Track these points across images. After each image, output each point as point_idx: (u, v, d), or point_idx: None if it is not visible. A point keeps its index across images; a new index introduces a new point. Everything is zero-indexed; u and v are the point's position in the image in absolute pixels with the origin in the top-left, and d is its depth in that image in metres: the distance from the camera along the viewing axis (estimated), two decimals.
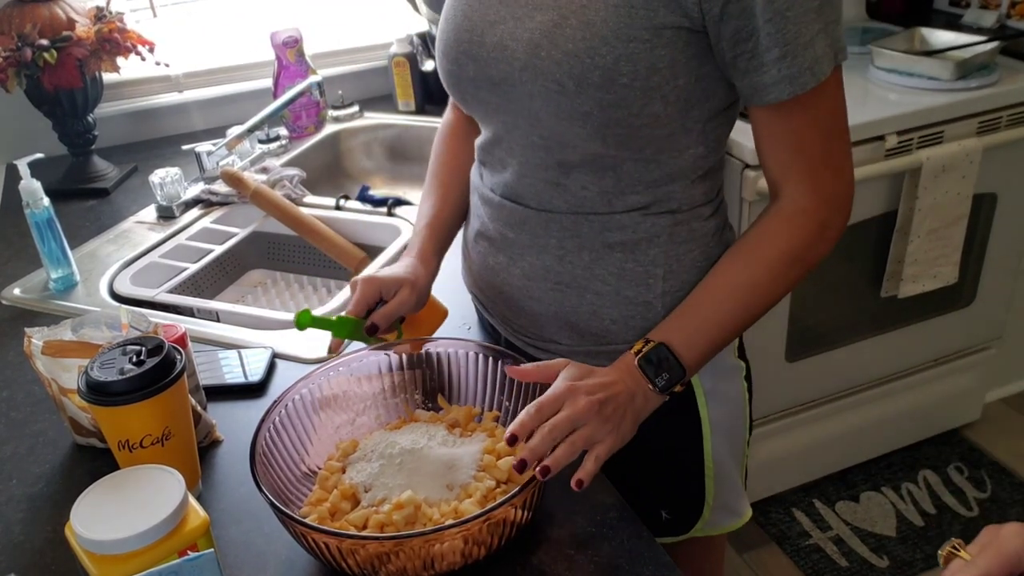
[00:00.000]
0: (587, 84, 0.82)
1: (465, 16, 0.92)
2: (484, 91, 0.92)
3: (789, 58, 0.80)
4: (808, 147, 0.86)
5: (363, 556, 0.74)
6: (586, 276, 0.96)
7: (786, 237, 0.88)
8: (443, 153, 1.12)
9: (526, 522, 0.81)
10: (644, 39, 0.80)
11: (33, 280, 1.37)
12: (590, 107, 0.83)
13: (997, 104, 1.82)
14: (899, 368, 2.11)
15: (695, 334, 0.89)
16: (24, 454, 1.00)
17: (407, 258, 1.03)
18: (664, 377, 0.86)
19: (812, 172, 0.87)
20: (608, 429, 0.82)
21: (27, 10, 1.56)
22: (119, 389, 0.82)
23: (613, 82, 0.82)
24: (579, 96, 0.83)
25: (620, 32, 0.80)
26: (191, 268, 1.43)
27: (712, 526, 1.08)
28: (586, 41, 0.81)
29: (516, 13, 0.87)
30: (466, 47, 0.91)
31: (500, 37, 0.88)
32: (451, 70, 0.94)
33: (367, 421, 0.96)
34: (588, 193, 0.92)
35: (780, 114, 0.84)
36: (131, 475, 0.75)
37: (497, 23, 0.88)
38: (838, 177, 0.88)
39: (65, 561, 0.84)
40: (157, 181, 1.55)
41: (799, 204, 0.88)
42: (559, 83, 0.83)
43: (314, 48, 1.90)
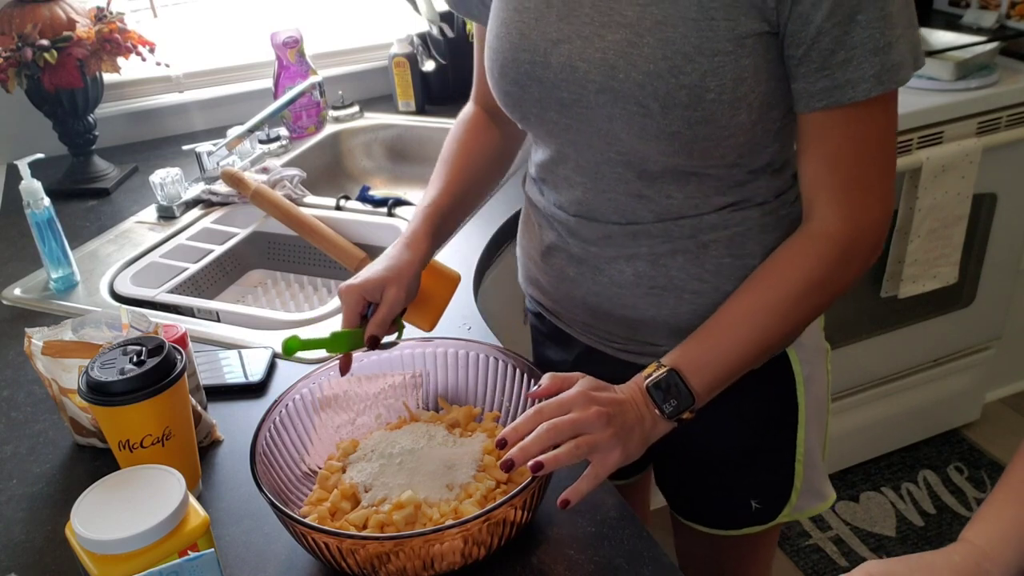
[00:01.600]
0: (673, 104, 0.79)
1: (522, 35, 0.87)
2: (552, 112, 0.88)
3: (855, 62, 0.76)
4: (843, 164, 0.82)
5: (363, 556, 0.74)
6: (682, 277, 0.92)
7: (808, 262, 0.85)
8: (457, 143, 1.08)
9: (526, 522, 0.81)
10: (728, 51, 0.78)
11: (33, 280, 1.37)
12: (678, 126, 0.80)
13: (997, 104, 1.82)
14: (899, 368, 2.11)
15: (708, 360, 0.85)
16: (25, 454, 1.00)
17: (395, 246, 0.99)
18: (672, 404, 0.83)
19: (845, 192, 0.83)
20: (614, 443, 0.79)
21: (27, 10, 1.56)
22: (119, 389, 0.82)
23: (701, 99, 0.79)
24: (665, 117, 0.80)
25: (703, 47, 0.77)
26: (191, 268, 1.43)
27: (799, 511, 1.08)
28: (667, 60, 0.78)
29: (582, 32, 0.83)
30: (528, 68, 0.87)
31: (568, 57, 0.84)
32: (511, 91, 0.90)
33: (367, 421, 0.96)
34: (673, 201, 0.89)
35: (827, 122, 0.81)
36: (131, 475, 0.75)
37: (561, 42, 0.84)
38: (871, 201, 0.84)
39: (65, 561, 0.84)
40: (157, 181, 1.55)
41: (826, 227, 0.84)
42: (642, 105, 0.80)
43: (314, 48, 1.90)
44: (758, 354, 0.87)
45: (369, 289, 0.92)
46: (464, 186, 1.05)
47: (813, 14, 0.75)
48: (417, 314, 1.03)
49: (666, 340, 0.97)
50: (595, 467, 0.79)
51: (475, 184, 1.08)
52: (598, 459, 0.79)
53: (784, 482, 1.05)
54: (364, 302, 0.93)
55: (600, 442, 0.78)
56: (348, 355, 0.94)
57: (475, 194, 1.09)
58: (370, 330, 0.92)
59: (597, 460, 0.79)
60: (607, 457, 0.79)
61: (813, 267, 0.85)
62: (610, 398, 0.81)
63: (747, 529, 1.09)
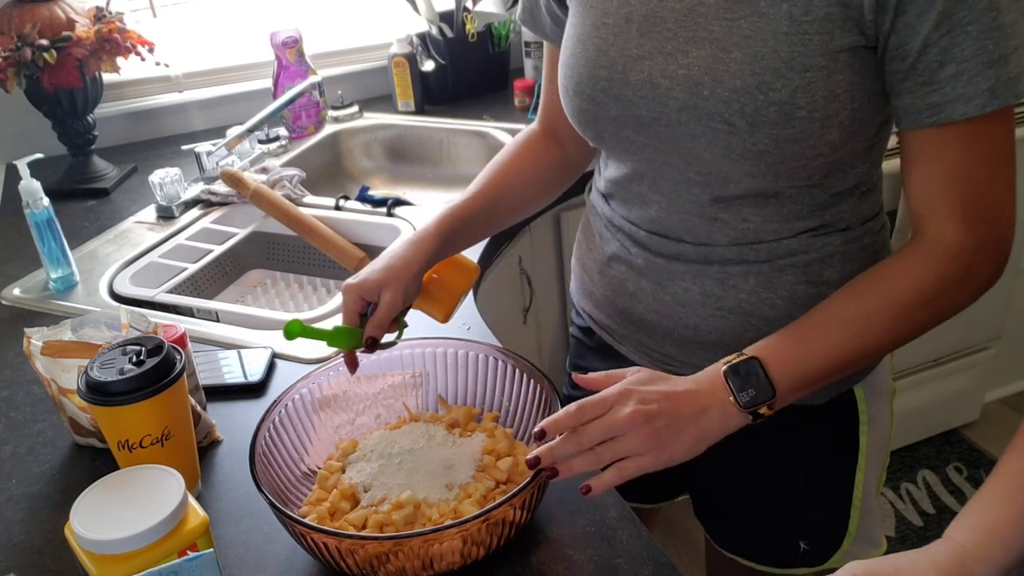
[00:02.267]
0: (761, 122, 0.76)
1: (599, 51, 0.85)
2: (629, 131, 0.85)
3: (966, 76, 0.72)
4: (959, 180, 0.77)
5: (362, 556, 0.74)
6: (752, 301, 0.88)
7: (921, 273, 0.79)
8: (506, 155, 1.05)
9: (525, 522, 0.81)
10: (821, 66, 0.74)
11: (33, 280, 1.37)
12: (765, 145, 0.77)
13: None
14: (898, 368, 2.09)
15: (794, 357, 0.79)
16: (24, 454, 1.00)
17: (400, 242, 0.96)
18: (750, 393, 0.77)
19: (963, 208, 0.77)
20: (651, 444, 0.74)
21: (27, 10, 1.56)
22: (119, 389, 0.82)
23: (791, 116, 0.76)
24: (752, 135, 0.77)
25: (794, 62, 0.74)
26: (191, 268, 1.43)
27: (851, 556, 1.02)
28: (756, 76, 0.75)
29: (665, 48, 0.80)
30: (605, 85, 0.84)
31: (648, 74, 0.81)
32: (587, 108, 0.87)
33: (367, 421, 0.96)
34: (750, 225, 0.86)
35: (938, 138, 0.76)
36: (131, 475, 0.75)
37: (642, 59, 0.82)
38: (994, 215, 0.78)
39: (65, 561, 0.84)
40: (157, 181, 1.55)
41: (944, 239, 0.78)
42: (728, 123, 0.77)
43: (314, 48, 1.90)
44: (850, 362, 0.81)
45: (367, 289, 0.91)
46: (498, 197, 1.02)
47: (919, 25, 0.72)
48: (432, 305, 1.00)
49: None
50: (621, 469, 0.75)
51: (512, 198, 1.04)
52: (628, 461, 0.75)
53: (838, 525, 1.01)
54: (363, 302, 0.92)
55: (631, 447, 0.74)
56: (353, 353, 0.93)
57: (510, 208, 1.05)
58: (368, 332, 0.91)
59: (627, 462, 0.75)
60: (638, 459, 0.75)
61: (927, 278, 0.79)
62: (659, 393, 0.76)
63: (793, 571, 1.04)
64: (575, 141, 0.99)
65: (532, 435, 0.77)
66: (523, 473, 0.85)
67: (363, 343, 0.91)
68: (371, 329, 0.91)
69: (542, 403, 0.90)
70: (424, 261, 0.94)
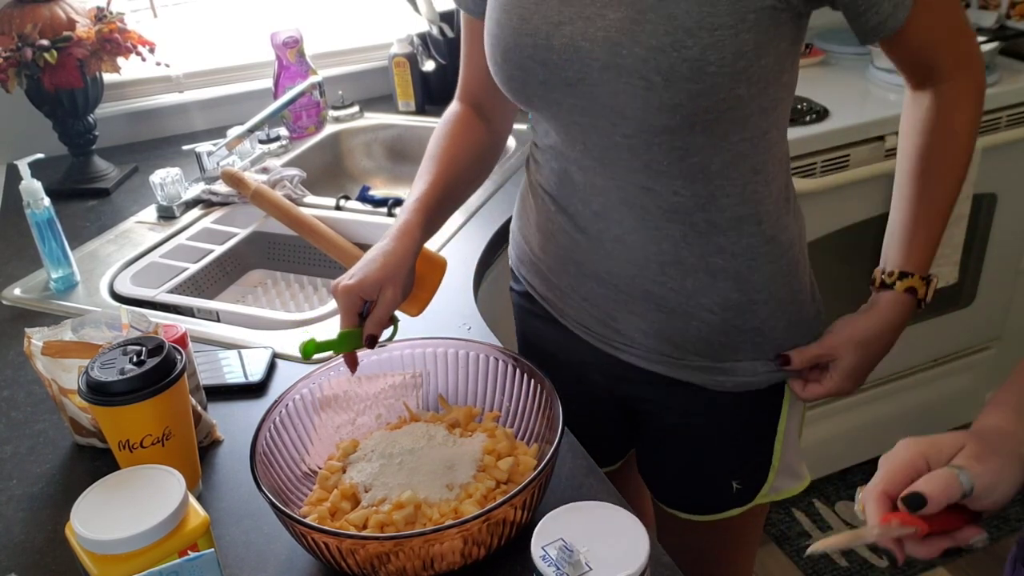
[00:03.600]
0: (676, 77, 0.81)
1: (523, 19, 0.89)
2: (557, 92, 0.89)
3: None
4: (943, 42, 0.90)
5: (363, 556, 0.74)
6: (690, 304, 0.96)
7: (967, 111, 0.94)
8: (444, 138, 1.08)
9: (526, 522, 0.81)
10: (729, 25, 0.80)
11: (33, 280, 1.37)
12: (680, 99, 0.82)
13: (997, 104, 1.82)
14: (899, 368, 2.11)
15: (928, 248, 0.96)
16: (24, 454, 1.00)
17: (387, 238, 0.96)
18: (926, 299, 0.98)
19: (955, 55, 0.91)
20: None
21: (27, 10, 1.56)
22: (119, 389, 0.82)
23: (702, 72, 0.81)
24: (667, 90, 0.82)
25: (704, 22, 0.79)
26: (191, 268, 1.44)
27: (775, 491, 1.09)
28: (670, 35, 0.80)
29: (584, 13, 0.85)
30: (531, 51, 0.89)
31: (570, 38, 0.85)
32: (515, 75, 0.92)
33: (367, 421, 0.96)
34: (680, 199, 0.91)
35: (901, 36, 0.88)
36: (131, 475, 0.75)
37: (563, 24, 0.86)
38: (972, 44, 0.93)
39: (65, 561, 0.84)
40: (157, 181, 1.55)
41: (963, 72, 0.92)
42: (646, 79, 0.82)
43: (314, 48, 1.90)
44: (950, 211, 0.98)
45: (367, 288, 0.91)
46: (451, 181, 1.04)
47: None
48: (409, 301, 1.01)
49: (673, 352, 1.01)
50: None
51: (462, 179, 1.07)
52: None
53: (763, 462, 1.07)
54: (362, 301, 0.92)
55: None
56: (353, 354, 0.94)
57: (462, 189, 1.08)
58: (368, 329, 0.91)
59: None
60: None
61: (973, 116, 0.94)
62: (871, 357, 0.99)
63: (728, 512, 1.10)
64: (498, 111, 1.08)
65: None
66: (523, 473, 0.85)
67: (363, 342, 0.91)
68: (372, 327, 0.91)
69: (542, 403, 0.90)
70: (414, 253, 0.96)
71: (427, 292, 1.04)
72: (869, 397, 2.10)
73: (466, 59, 1.08)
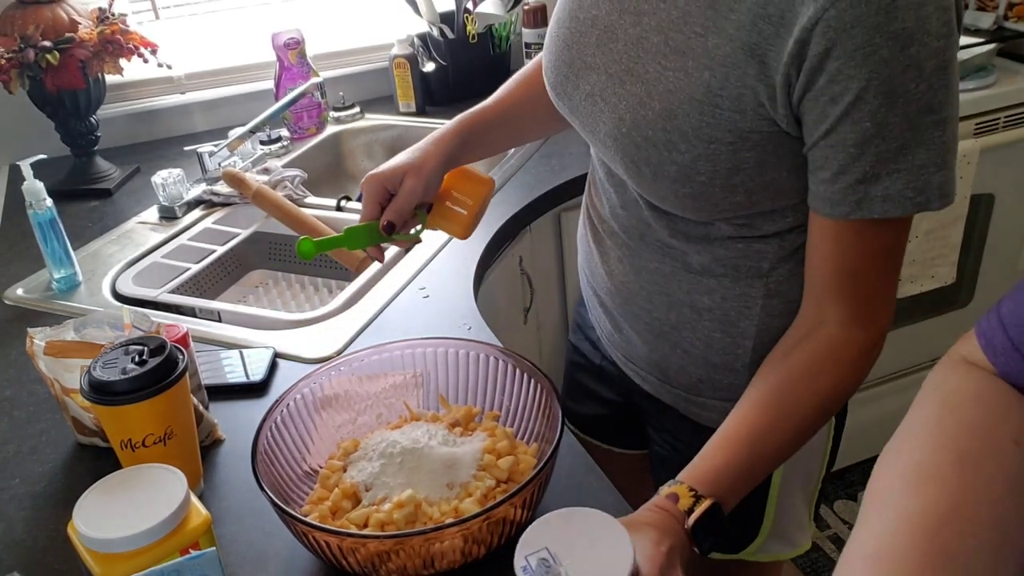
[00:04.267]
0: (663, 175, 0.79)
1: (566, 44, 0.87)
2: (577, 127, 0.90)
3: (839, 184, 0.73)
4: (861, 276, 0.78)
5: (364, 555, 0.75)
6: (674, 335, 0.95)
7: (833, 375, 0.80)
8: (523, 74, 1.06)
9: (526, 521, 0.81)
10: (727, 141, 0.75)
11: (36, 280, 1.38)
12: (666, 194, 0.81)
13: (994, 105, 1.83)
14: (897, 368, 2.11)
15: (743, 489, 0.81)
16: (27, 453, 1.01)
17: (421, 141, 0.96)
18: (711, 540, 0.77)
19: (860, 299, 0.79)
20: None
21: (30, 11, 1.57)
22: (121, 389, 0.82)
23: (690, 179, 0.77)
24: (655, 183, 0.80)
25: (701, 131, 0.75)
26: (193, 268, 1.44)
27: (764, 552, 1.06)
28: (666, 133, 0.77)
29: (611, 68, 0.82)
30: (563, 81, 0.88)
31: (593, 88, 0.84)
32: (551, 94, 0.92)
33: (368, 420, 0.97)
34: (677, 240, 0.89)
35: (831, 232, 0.77)
36: (133, 474, 0.75)
37: (593, 70, 0.84)
38: (886, 307, 0.80)
39: (68, 560, 0.84)
40: (159, 182, 1.55)
41: (845, 335, 0.80)
42: (636, 166, 0.81)
43: (315, 49, 1.91)
44: (775, 465, 0.85)
45: (389, 177, 0.91)
46: (515, 108, 1.03)
47: (814, 129, 0.72)
48: (451, 220, 0.98)
49: (657, 377, 1.00)
50: None
51: (528, 109, 1.05)
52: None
53: (752, 519, 1.03)
54: (385, 192, 0.92)
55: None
56: (378, 248, 0.93)
57: (528, 118, 1.06)
58: (386, 216, 0.90)
59: None
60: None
61: (840, 380, 0.81)
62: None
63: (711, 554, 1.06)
64: None
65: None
66: (523, 472, 0.86)
67: (380, 229, 0.89)
68: (390, 214, 0.90)
69: (542, 403, 0.90)
70: (443, 155, 0.95)
71: (471, 209, 0.98)
72: (868, 397, 2.10)
73: None
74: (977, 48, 1.88)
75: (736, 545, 1.05)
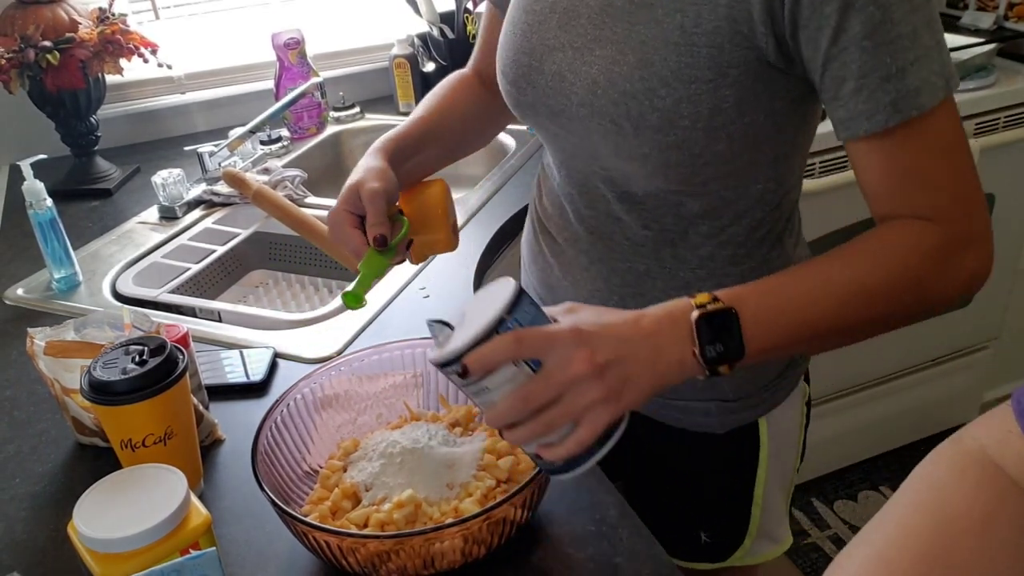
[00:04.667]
0: (645, 126, 0.78)
1: (524, 36, 0.87)
2: (543, 118, 0.88)
3: (866, 92, 0.70)
4: (929, 182, 0.73)
5: (364, 555, 0.75)
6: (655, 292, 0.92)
7: (906, 251, 0.73)
8: (441, 88, 1.05)
9: (526, 521, 0.81)
10: (707, 79, 0.74)
11: (36, 280, 1.38)
12: (649, 148, 0.79)
13: (994, 105, 1.83)
14: (897, 368, 2.11)
15: (773, 317, 0.71)
16: (27, 453, 1.01)
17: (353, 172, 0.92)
18: (718, 348, 0.69)
19: (922, 205, 0.73)
20: (603, 398, 0.66)
21: (30, 11, 1.57)
22: (122, 389, 0.82)
23: (673, 124, 0.76)
24: (636, 138, 0.79)
25: (681, 73, 0.75)
26: (193, 268, 1.44)
27: (752, 555, 1.05)
28: (644, 81, 0.76)
29: (575, 42, 0.82)
30: (525, 71, 0.87)
31: (559, 66, 0.83)
32: (510, 92, 0.91)
33: (368, 420, 0.97)
34: (650, 233, 0.88)
35: (864, 149, 0.74)
36: (133, 474, 0.75)
37: (556, 50, 0.84)
38: (957, 206, 0.73)
39: (68, 559, 0.84)
40: (159, 182, 1.55)
41: (919, 229, 0.73)
42: (616, 124, 0.79)
43: (315, 49, 1.91)
44: (825, 337, 0.74)
45: (349, 199, 0.88)
46: (435, 124, 1.00)
47: (819, 40, 0.70)
48: (431, 241, 0.96)
49: None
50: (582, 431, 0.67)
51: (450, 125, 1.02)
52: (585, 423, 0.67)
53: (739, 523, 1.03)
54: (353, 218, 0.88)
55: (583, 405, 0.66)
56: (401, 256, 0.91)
57: (451, 135, 1.03)
58: (370, 232, 0.86)
59: (584, 424, 0.67)
60: (595, 423, 0.67)
61: (913, 258, 0.72)
62: (611, 336, 0.68)
63: (699, 564, 1.05)
64: None
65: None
66: (524, 472, 0.86)
67: (372, 243, 0.87)
68: (372, 228, 0.87)
69: None
70: (383, 158, 0.92)
71: (441, 221, 0.95)
72: (867, 396, 2.10)
73: (482, 42, 1.07)
74: (977, 48, 1.88)
75: (722, 552, 1.05)
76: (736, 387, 0.94)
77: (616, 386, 0.67)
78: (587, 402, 0.66)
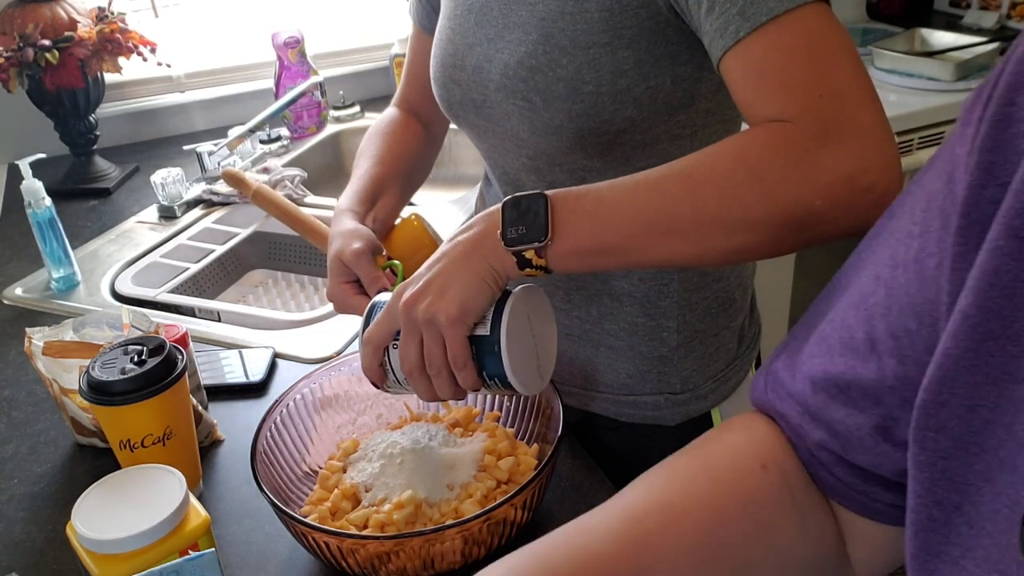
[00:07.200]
0: (553, 97, 0.81)
1: (449, 40, 0.91)
2: (471, 115, 0.91)
3: (717, 8, 0.68)
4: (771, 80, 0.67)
5: (363, 556, 0.74)
6: (597, 331, 0.95)
7: (742, 141, 0.67)
8: (378, 134, 1.06)
9: (526, 522, 0.81)
10: (604, 43, 0.78)
11: (35, 280, 1.37)
12: (560, 120, 0.81)
13: None
14: None
15: (591, 210, 0.67)
16: (25, 453, 1.00)
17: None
18: (519, 231, 0.67)
19: (783, 94, 0.66)
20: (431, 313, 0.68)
21: (29, 10, 1.57)
22: (120, 389, 0.82)
23: (578, 91, 0.79)
24: (547, 110, 0.82)
25: (579, 39, 0.78)
26: (192, 268, 1.44)
27: None
28: (547, 55, 0.80)
29: (489, 35, 0.86)
30: (450, 71, 0.91)
31: (477, 60, 0.87)
32: (441, 94, 0.94)
33: (368, 421, 0.96)
34: None
35: (731, 70, 0.69)
36: (132, 475, 0.75)
37: (474, 46, 0.88)
38: (830, 106, 0.64)
39: (66, 560, 0.84)
40: (159, 181, 1.55)
41: (777, 125, 0.66)
42: (527, 99, 0.82)
43: (315, 48, 1.91)
44: (652, 231, 0.66)
45: (339, 271, 0.90)
46: (387, 172, 1.02)
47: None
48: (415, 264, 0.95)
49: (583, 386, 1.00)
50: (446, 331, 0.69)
51: (400, 169, 1.04)
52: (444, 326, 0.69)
53: None
54: (350, 285, 0.91)
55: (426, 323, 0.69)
56: None
57: (403, 180, 1.05)
58: (371, 292, 0.88)
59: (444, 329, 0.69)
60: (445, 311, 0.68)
61: (749, 146, 0.66)
62: (424, 266, 0.71)
63: None
64: (436, 117, 1.06)
65: None
66: (524, 473, 0.85)
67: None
68: (371, 287, 0.88)
69: (542, 403, 0.90)
70: (353, 219, 0.94)
71: (426, 249, 0.95)
72: None
73: (409, 69, 1.09)
74: (980, 48, 1.88)
75: None
76: (683, 379, 0.96)
77: (438, 285, 0.69)
78: (423, 310, 0.69)
